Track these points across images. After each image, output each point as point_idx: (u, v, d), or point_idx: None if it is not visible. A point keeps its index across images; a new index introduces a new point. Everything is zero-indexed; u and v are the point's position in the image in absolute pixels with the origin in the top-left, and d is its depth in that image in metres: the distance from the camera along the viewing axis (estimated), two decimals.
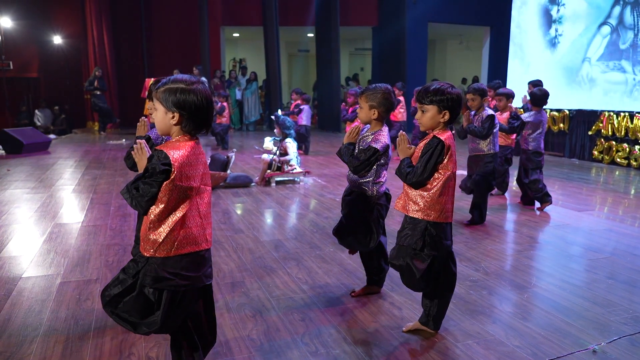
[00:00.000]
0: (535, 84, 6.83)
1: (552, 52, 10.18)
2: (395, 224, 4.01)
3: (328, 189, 6.18)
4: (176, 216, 1.79)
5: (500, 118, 5.15)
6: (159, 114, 1.81)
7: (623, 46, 8.62)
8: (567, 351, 2.38)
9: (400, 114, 8.91)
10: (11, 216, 4.78)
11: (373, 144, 2.70)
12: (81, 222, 4.59)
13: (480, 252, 3.83)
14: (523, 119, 5.11)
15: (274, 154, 6.54)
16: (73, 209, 5.10)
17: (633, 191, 6.43)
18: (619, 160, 8.29)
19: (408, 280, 2.43)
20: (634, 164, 8.00)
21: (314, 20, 14.28)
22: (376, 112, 2.75)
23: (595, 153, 8.78)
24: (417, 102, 2.42)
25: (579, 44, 9.52)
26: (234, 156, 6.59)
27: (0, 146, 9.14)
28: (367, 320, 2.70)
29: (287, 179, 6.58)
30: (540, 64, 10.41)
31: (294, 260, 3.61)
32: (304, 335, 2.52)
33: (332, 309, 2.82)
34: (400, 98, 8.68)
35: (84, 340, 2.45)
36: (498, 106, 5.35)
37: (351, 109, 7.42)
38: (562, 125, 9.49)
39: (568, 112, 9.40)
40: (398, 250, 2.43)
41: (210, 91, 1.86)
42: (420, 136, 7.83)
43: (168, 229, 1.78)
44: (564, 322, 2.68)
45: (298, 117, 9.24)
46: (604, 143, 8.61)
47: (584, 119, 9.09)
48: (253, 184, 6.40)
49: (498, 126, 4.58)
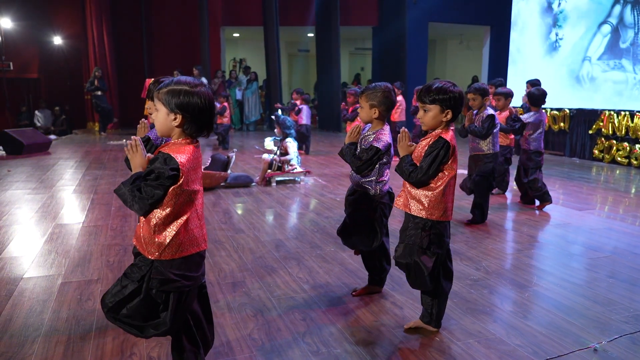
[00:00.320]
0: (534, 84, 6.82)
1: (553, 52, 10.18)
2: (397, 224, 4.01)
3: (328, 189, 6.18)
4: (182, 219, 1.80)
5: (500, 117, 5.14)
6: (161, 115, 1.80)
7: (623, 45, 8.62)
8: (568, 350, 2.38)
9: (396, 113, 8.63)
10: (12, 217, 4.79)
11: (375, 144, 2.70)
12: (82, 223, 4.59)
13: (481, 251, 3.83)
14: (523, 120, 5.11)
15: (275, 153, 6.54)
16: (74, 210, 5.11)
17: (634, 190, 6.42)
18: (619, 159, 8.29)
19: (415, 279, 2.42)
20: (635, 162, 8.00)
21: (314, 20, 14.29)
22: (377, 111, 2.75)
23: (596, 152, 8.78)
24: (419, 101, 2.41)
25: (579, 43, 9.51)
26: (234, 156, 6.59)
27: (0, 147, 9.15)
28: (369, 319, 2.70)
29: (288, 178, 6.58)
30: (541, 63, 10.41)
31: (295, 260, 3.61)
32: (305, 335, 2.52)
33: (333, 308, 2.82)
34: (399, 98, 8.56)
35: (86, 341, 2.45)
36: (497, 106, 5.35)
37: (351, 109, 7.41)
38: (563, 124, 9.49)
39: (568, 111, 9.40)
40: (404, 248, 2.42)
41: (212, 94, 1.86)
42: (420, 135, 7.83)
43: (173, 233, 1.79)
44: (565, 321, 2.68)
45: (298, 117, 9.24)
46: (604, 142, 8.61)
47: (585, 118, 9.09)
48: (254, 183, 6.40)
49: (499, 126, 4.57)
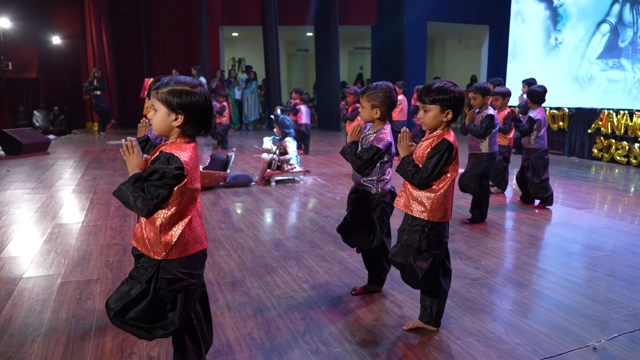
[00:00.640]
0: (530, 83, 6.81)
1: (552, 51, 10.19)
2: (398, 223, 4.02)
3: (328, 188, 6.18)
4: (186, 218, 1.81)
5: (498, 117, 5.11)
6: (160, 114, 1.79)
7: (622, 44, 8.62)
8: (568, 348, 2.38)
9: (395, 113, 8.49)
10: (11, 217, 4.78)
11: (375, 143, 2.69)
12: (81, 222, 4.59)
13: (481, 250, 3.83)
14: (533, 117, 4.97)
15: (274, 153, 6.54)
16: (73, 209, 5.11)
17: (633, 189, 6.43)
18: (618, 158, 8.29)
19: (409, 279, 2.44)
20: (634, 161, 8.01)
21: (313, 20, 14.28)
22: (378, 112, 2.74)
23: (595, 151, 8.79)
24: (419, 101, 2.39)
25: (578, 42, 9.52)
26: (233, 155, 6.59)
27: None
28: (368, 318, 2.70)
29: (287, 178, 6.58)
30: (540, 62, 10.42)
31: (294, 259, 3.61)
32: (305, 334, 2.52)
33: (333, 307, 2.83)
34: (400, 97, 8.50)
35: (85, 340, 2.45)
36: (495, 105, 5.32)
37: (351, 108, 7.41)
38: (562, 123, 9.50)
39: (567, 111, 9.40)
40: (400, 248, 2.42)
41: (210, 93, 1.87)
42: (420, 135, 7.82)
43: (179, 232, 1.79)
44: (565, 320, 2.68)
45: (297, 117, 9.22)
46: (603, 141, 8.62)
47: (584, 117, 9.10)
48: (253, 183, 6.40)
49: (498, 126, 4.55)
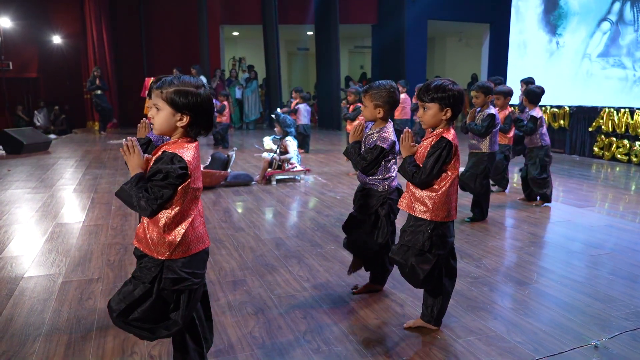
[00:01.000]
0: (528, 82, 6.80)
1: (552, 49, 10.17)
2: (401, 223, 4.01)
3: (328, 187, 6.18)
4: (190, 217, 1.82)
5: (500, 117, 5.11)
6: (164, 114, 1.78)
7: (623, 42, 8.61)
8: (569, 347, 2.38)
9: (398, 111, 8.43)
10: (12, 216, 4.79)
11: (379, 143, 2.69)
12: (82, 222, 4.59)
13: (481, 249, 3.83)
14: (535, 115, 5.00)
15: (275, 152, 6.54)
16: (74, 209, 5.11)
17: (633, 187, 6.42)
18: (619, 156, 8.28)
19: (410, 278, 2.44)
20: (635, 160, 8.00)
21: (313, 19, 14.27)
22: (381, 111, 2.73)
23: (596, 149, 8.78)
24: (419, 100, 2.40)
25: (578, 40, 9.50)
26: (234, 155, 6.59)
27: (0, 146, 9.15)
28: (369, 317, 2.70)
29: (288, 177, 6.58)
30: (541, 60, 10.40)
31: (295, 258, 3.62)
32: (306, 333, 2.52)
33: (334, 306, 2.83)
34: (403, 96, 8.46)
35: (87, 339, 2.46)
36: (496, 104, 5.31)
37: (352, 107, 7.39)
38: (563, 121, 9.48)
39: (568, 109, 9.39)
40: (400, 247, 2.42)
41: (210, 94, 1.87)
42: (420, 132, 7.81)
43: (183, 231, 1.80)
44: (565, 318, 2.68)
45: (296, 117, 9.21)
46: (604, 139, 8.61)
47: (584, 115, 9.08)
48: (254, 182, 6.40)
49: (499, 126, 4.53)
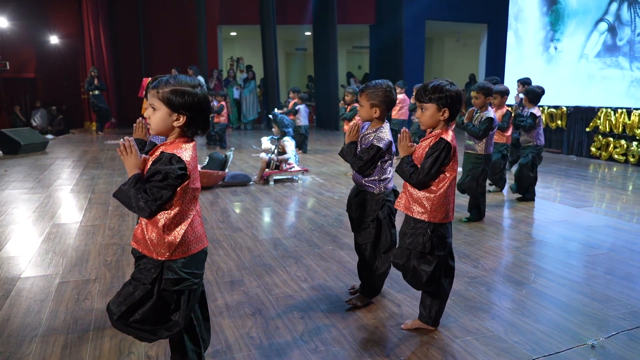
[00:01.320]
0: (525, 82, 6.84)
1: (550, 49, 10.19)
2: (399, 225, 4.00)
3: (326, 187, 6.18)
4: (189, 218, 1.81)
5: (496, 116, 5.14)
6: (160, 114, 1.77)
7: (620, 43, 8.63)
8: (566, 346, 2.39)
9: (394, 111, 8.41)
10: (9, 216, 4.77)
11: (376, 143, 2.67)
12: (79, 222, 4.58)
13: (479, 249, 3.83)
14: (535, 113, 5.14)
15: (272, 152, 6.53)
16: (71, 209, 5.10)
17: (631, 187, 6.44)
18: (616, 156, 8.30)
19: (412, 282, 2.44)
20: (632, 160, 8.02)
21: (311, 19, 14.27)
22: (377, 111, 2.71)
23: (593, 149, 8.79)
24: (417, 100, 2.40)
25: (576, 40, 9.52)
26: (232, 155, 6.59)
27: None
28: (367, 317, 2.70)
29: (286, 177, 6.58)
30: (538, 61, 10.42)
31: (293, 259, 3.61)
32: (304, 333, 2.52)
33: (332, 306, 2.82)
34: (401, 96, 8.44)
35: (83, 340, 2.45)
36: (493, 103, 5.32)
37: (349, 108, 7.39)
38: (560, 122, 9.50)
39: (566, 109, 9.41)
40: (402, 251, 2.42)
41: (206, 93, 1.87)
42: (417, 133, 7.81)
43: (182, 232, 1.79)
44: (563, 318, 2.69)
45: (295, 118, 9.20)
46: (601, 139, 8.62)
47: (582, 115, 9.10)
48: (251, 182, 6.40)
49: (496, 128, 4.58)
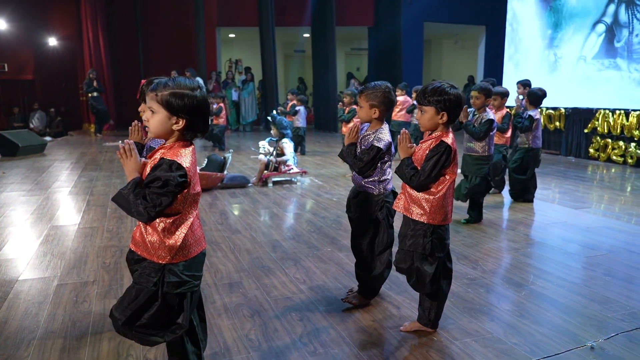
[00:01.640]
0: (525, 84, 6.85)
1: (548, 51, 10.21)
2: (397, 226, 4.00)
3: (325, 189, 6.17)
4: (189, 221, 1.81)
5: (495, 117, 5.15)
6: (159, 117, 1.75)
7: (618, 44, 8.65)
8: (565, 348, 2.38)
9: (394, 113, 8.36)
10: (7, 219, 4.76)
11: (376, 143, 2.67)
12: (78, 224, 4.57)
13: (478, 251, 3.83)
14: (532, 116, 5.17)
15: (271, 154, 6.53)
16: (69, 211, 5.09)
17: (629, 188, 6.45)
18: (615, 157, 8.31)
19: (417, 284, 2.43)
20: (630, 161, 8.03)
21: (309, 21, 14.28)
22: (377, 111, 2.72)
23: (592, 151, 8.81)
24: (417, 103, 2.41)
25: (574, 42, 9.54)
26: (230, 157, 6.58)
27: None
28: (366, 319, 2.70)
29: (284, 179, 6.57)
30: (536, 62, 10.44)
31: (292, 261, 3.61)
32: (303, 335, 2.51)
33: (331, 308, 2.82)
34: (401, 98, 8.41)
35: (82, 343, 2.44)
36: (493, 105, 5.33)
37: (347, 109, 7.39)
38: (558, 123, 9.52)
39: (564, 111, 9.42)
40: (405, 254, 2.42)
41: (206, 96, 1.86)
42: (415, 134, 7.81)
43: (183, 235, 1.79)
44: (562, 319, 2.68)
45: (294, 119, 9.19)
46: (600, 141, 8.64)
47: (580, 117, 9.12)
48: (250, 184, 6.39)
49: (495, 130, 4.58)
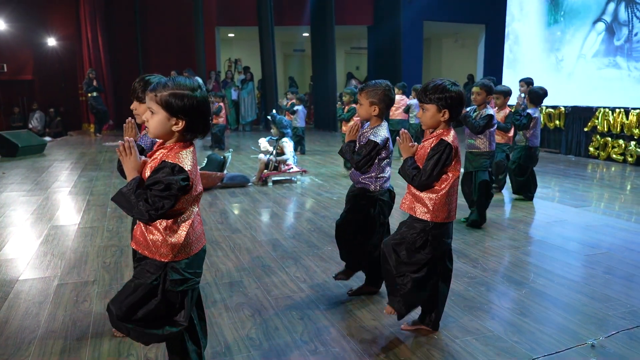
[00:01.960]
0: (528, 82, 6.84)
1: (547, 49, 10.21)
2: (396, 223, 4.01)
3: (325, 188, 6.17)
4: (190, 219, 1.82)
5: (498, 117, 5.14)
6: (159, 117, 1.73)
7: (618, 42, 8.65)
8: (566, 346, 2.39)
9: (392, 111, 8.37)
10: (7, 219, 4.76)
11: (372, 138, 2.70)
12: (78, 224, 4.57)
13: (478, 249, 3.83)
14: (531, 114, 5.17)
15: (271, 153, 6.53)
16: (69, 211, 5.09)
17: (629, 187, 6.45)
18: (614, 156, 8.31)
19: (386, 270, 2.47)
20: (630, 159, 8.03)
21: (309, 20, 14.28)
22: (376, 109, 2.74)
23: (591, 149, 8.80)
24: (419, 101, 2.42)
25: (573, 40, 9.54)
26: (230, 156, 6.58)
27: None
28: (366, 318, 2.70)
29: (284, 178, 6.57)
30: (536, 60, 10.43)
31: (292, 260, 3.61)
32: (303, 334, 2.52)
33: (331, 307, 2.82)
34: (398, 97, 8.43)
35: (82, 342, 2.44)
36: (496, 104, 5.31)
37: (347, 108, 7.39)
38: (558, 122, 9.52)
39: (564, 109, 9.42)
40: (392, 236, 2.45)
41: (206, 96, 1.85)
42: (412, 132, 7.83)
43: (185, 233, 1.80)
44: (562, 317, 2.69)
45: (293, 118, 9.19)
46: (599, 139, 8.64)
47: (580, 115, 9.12)
48: (250, 183, 6.39)
49: (495, 126, 4.54)
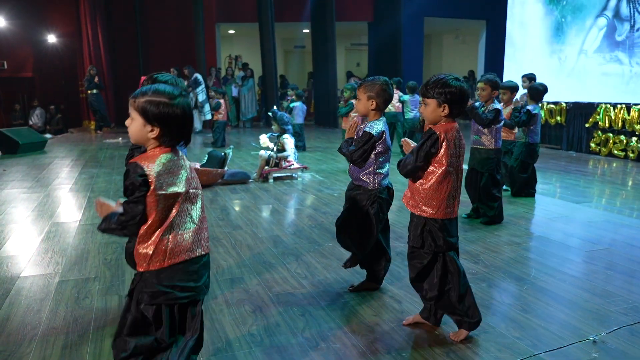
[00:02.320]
0: (530, 78, 6.82)
1: (548, 45, 10.18)
2: (395, 220, 4.01)
3: (326, 185, 6.17)
4: (166, 224, 1.72)
5: (504, 113, 5.09)
6: (136, 124, 1.71)
7: (619, 38, 8.62)
8: (567, 342, 2.38)
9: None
10: (8, 216, 4.76)
11: (367, 130, 2.73)
12: (79, 221, 4.57)
13: (479, 245, 3.83)
14: (530, 110, 5.14)
15: (272, 150, 6.52)
16: (70, 208, 5.09)
17: (630, 183, 6.44)
18: (616, 152, 8.30)
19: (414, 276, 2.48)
20: (631, 155, 8.01)
21: (309, 16, 14.24)
22: (374, 103, 2.76)
23: (593, 145, 8.79)
24: (421, 96, 2.41)
25: (575, 36, 9.52)
26: (231, 153, 6.57)
27: None
28: (367, 314, 2.70)
29: (285, 174, 6.57)
30: (537, 56, 10.40)
31: (293, 256, 3.61)
32: (305, 330, 2.52)
33: (332, 303, 2.82)
34: (397, 95, 8.43)
35: (83, 339, 2.44)
36: (502, 99, 5.21)
37: (345, 103, 7.39)
38: (559, 118, 9.50)
39: (565, 105, 9.40)
40: (409, 248, 2.47)
41: (190, 104, 1.80)
42: (406, 128, 7.87)
43: (157, 240, 1.71)
44: (564, 313, 2.68)
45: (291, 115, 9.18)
46: (601, 135, 8.62)
47: (581, 111, 9.10)
48: (251, 180, 6.39)
49: (502, 122, 4.49)
